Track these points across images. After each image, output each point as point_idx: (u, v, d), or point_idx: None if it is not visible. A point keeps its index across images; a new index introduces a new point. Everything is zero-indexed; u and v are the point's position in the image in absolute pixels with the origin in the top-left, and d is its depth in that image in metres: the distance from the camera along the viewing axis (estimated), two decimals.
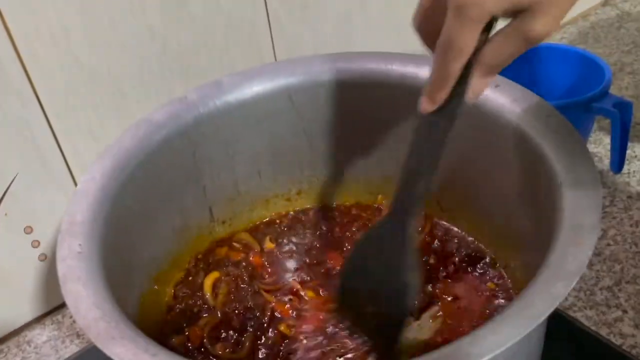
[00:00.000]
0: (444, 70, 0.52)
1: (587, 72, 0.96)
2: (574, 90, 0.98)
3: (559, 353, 0.73)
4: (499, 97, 0.65)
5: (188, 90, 0.72)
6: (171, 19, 0.83)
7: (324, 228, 0.81)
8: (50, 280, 0.88)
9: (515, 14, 0.49)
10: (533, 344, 0.55)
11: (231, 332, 0.69)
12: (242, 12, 0.89)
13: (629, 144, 1.02)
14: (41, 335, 0.88)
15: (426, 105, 0.55)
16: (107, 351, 0.47)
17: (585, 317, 0.80)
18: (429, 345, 0.66)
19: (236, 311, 0.71)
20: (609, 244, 0.89)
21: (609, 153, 0.95)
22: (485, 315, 0.68)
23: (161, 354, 0.47)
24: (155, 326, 0.69)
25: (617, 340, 0.76)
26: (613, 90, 1.01)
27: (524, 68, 0.99)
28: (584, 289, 0.83)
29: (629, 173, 0.99)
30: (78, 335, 0.86)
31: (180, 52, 0.85)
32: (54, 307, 0.90)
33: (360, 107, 0.75)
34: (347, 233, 0.80)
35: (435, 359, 0.44)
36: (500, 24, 0.51)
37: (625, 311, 0.80)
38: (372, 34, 1.04)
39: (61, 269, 0.54)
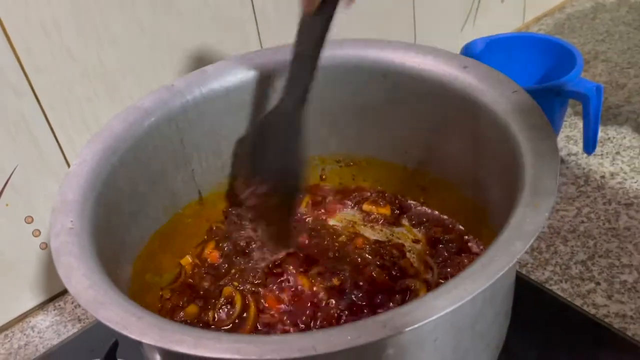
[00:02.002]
0: None
1: (560, 59, 0.97)
2: (549, 76, 1.00)
3: (537, 324, 0.75)
4: (467, 77, 0.66)
5: (175, 78, 0.73)
6: (160, 13, 0.84)
7: (310, 210, 0.82)
8: (51, 268, 0.88)
9: None
10: (498, 303, 0.56)
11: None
12: (228, 6, 0.90)
13: (603, 127, 1.04)
14: (44, 320, 0.88)
15: (306, 8, 0.62)
16: (97, 315, 0.48)
17: (560, 290, 0.81)
18: None
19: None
20: (583, 221, 0.90)
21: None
22: None
23: (147, 317, 0.48)
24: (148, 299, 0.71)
25: (590, 310, 0.78)
26: (588, 77, 1.03)
27: (502, 56, 1.01)
28: (559, 264, 0.84)
29: (602, 154, 1.01)
30: (79, 320, 0.88)
31: (170, 45, 0.86)
32: (56, 294, 0.91)
33: (340, 91, 0.76)
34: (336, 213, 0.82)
35: (403, 312, 0.45)
36: None
37: (598, 283, 0.81)
38: (354, 26, 1.05)
39: (54, 244, 0.55)
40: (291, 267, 0.74)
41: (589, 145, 0.94)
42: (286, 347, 0.44)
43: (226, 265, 0.75)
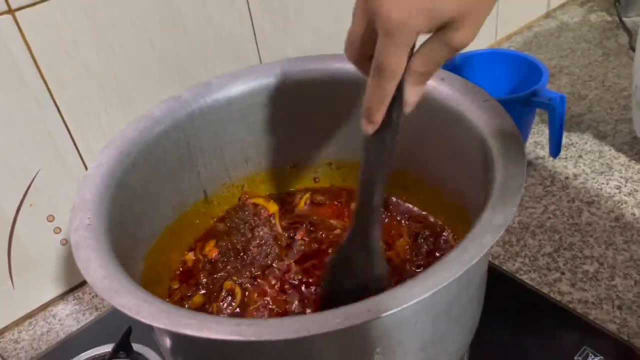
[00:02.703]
0: (380, 92, 0.50)
1: (528, 72, 0.98)
2: (518, 88, 1.00)
3: (508, 310, 0.76)
4: (443, 88, 0.66)
5: (182, 89, 0.73)
6: (169, 32, 0.84)
7: (307, 207, 0.82)
8: (71, 262, 0.89)
9: (437, 28, 0.47)
10: (472, 290, 0.56)
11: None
12: (230, 26, 0.90)
13: (567, 134, 1.05)
14: (65, 309, 0.89)
15: (368, 127, 0.52)
16: (112, 302, 0.48)
17: (529, 279, 0.81)
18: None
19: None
20: (549, 217, 0.90)
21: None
22: None
23: (157, 303, 0.48)
24: (159, 290, 0.71)
25: (556, 297, 0.78)
26: (553, 89, 1.03)
27: (476, 70, 1.01)
28: (528, 256, 0.85)
29: (566, 158, 1.01)
30: (96, 309, 0.88)
31: (178, 62, 0.87)
32: (75, 285, 0.92)
33: (330, 101, 0.75)
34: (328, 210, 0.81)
35: (385, 298, 0.45)
36: None
37: (563, 273, 0.82)
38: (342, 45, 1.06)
39: (73, 238, 0.55)
40: (289, 262, 0.74)
41: (554, 149, 0.94)
42: (283, 329, 0.45)
43: (225, 260, 0.74)
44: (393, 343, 0.50)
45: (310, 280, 0.71)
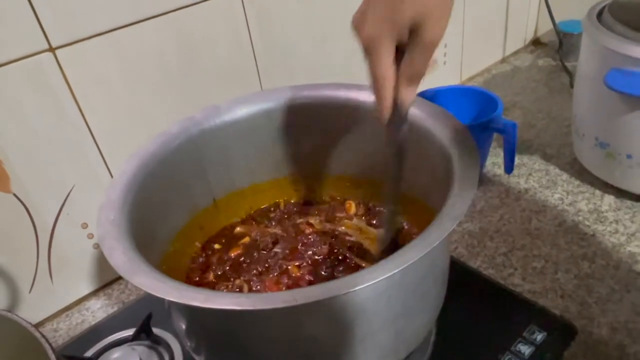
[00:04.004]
0: (378, 95, 0.51)
1: (486, 104, 0.98)
2: (478, 117, 1.01)
3: (471, 296, 0.77)
4: (415, 111, 0.66)
5: (195, 112, 0.73)
6: (185, 66, 0.85)
7: (305, 216, 0.81)
8: (102, 263, 0.89)
9: (409, 33, 0.47)
10: (437, 272, 0.56)
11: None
12: (238, 65, 0.91)
13: (519, 156, 1.05)
14: (96, 303, 0.88)
15: (382, 121, 0.54)
16: (132, 281, 0.48)
17: (488, 274, 0.81)
18: None
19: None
20: (504, 224, 0.91)
21: None
22: None
23: (170, 282, 0.48)
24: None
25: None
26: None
27: (444, 102, 1.01)
28: (488, 255, 0.85)
29: (519, 175, 1.02)
30: (123, 303, 0.87)
31: (194, 93, 0.87)
32: (105, 283, 0.91)
33: (319, 122, 0.75)
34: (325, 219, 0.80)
35: (361, 275, 0.45)
36: None
37: (515, 269, 0.82)
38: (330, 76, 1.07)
39: (99, 231, 0.55)
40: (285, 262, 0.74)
41: (508, 167, 0.95)
42: (274, 300, 0.45)
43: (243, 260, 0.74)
44: (370, 314, 0.50)
45: (302, 273, 0.71)
